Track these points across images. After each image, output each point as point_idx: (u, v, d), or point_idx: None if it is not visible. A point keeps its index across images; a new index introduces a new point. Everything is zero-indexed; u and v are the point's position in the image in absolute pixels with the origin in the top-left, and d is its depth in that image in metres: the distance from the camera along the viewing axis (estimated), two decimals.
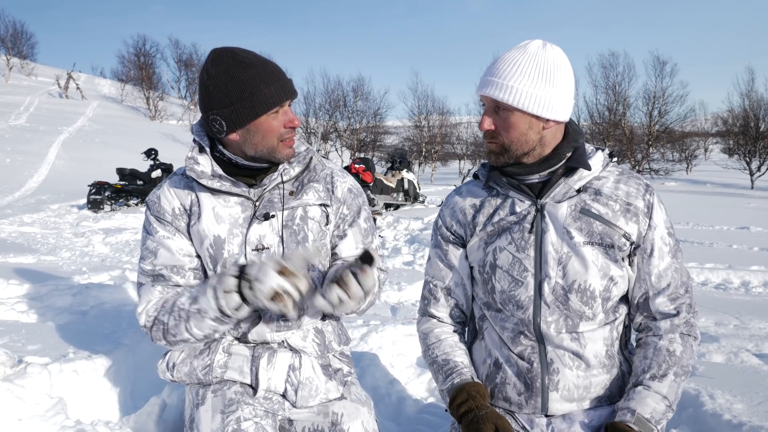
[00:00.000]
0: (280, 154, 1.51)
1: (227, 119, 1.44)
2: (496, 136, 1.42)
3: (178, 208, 1.55)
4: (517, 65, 1.36)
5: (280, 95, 1.44)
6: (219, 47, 1.47)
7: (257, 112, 1.43)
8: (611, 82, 28.64)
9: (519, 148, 1.41)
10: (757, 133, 25.00)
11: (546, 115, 1.37)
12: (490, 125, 1.41)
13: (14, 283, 3.20)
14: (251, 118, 1.44)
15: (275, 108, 1.45)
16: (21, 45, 44.40)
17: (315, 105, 33.29)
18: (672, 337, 1.42)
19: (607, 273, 1.41)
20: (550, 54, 1.38)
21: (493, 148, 1.44)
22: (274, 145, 1.49)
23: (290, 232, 1.55)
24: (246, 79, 1.41)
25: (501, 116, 1.40)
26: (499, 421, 1.34)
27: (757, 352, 3.06)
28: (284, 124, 1.49)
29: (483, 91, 1.40)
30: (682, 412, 2.09)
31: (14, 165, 18.24)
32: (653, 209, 1.43)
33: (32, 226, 9.62)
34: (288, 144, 1.52)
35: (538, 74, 1.35)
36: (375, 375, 2.66)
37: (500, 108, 1.39)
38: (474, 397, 1.41)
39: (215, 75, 1.43)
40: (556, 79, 1.37)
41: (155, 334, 1.48)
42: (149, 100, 38.13)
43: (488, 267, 1.49)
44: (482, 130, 1.43)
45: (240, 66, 1.42)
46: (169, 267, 1.52)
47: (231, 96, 1.42)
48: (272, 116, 1.46)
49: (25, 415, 1.56)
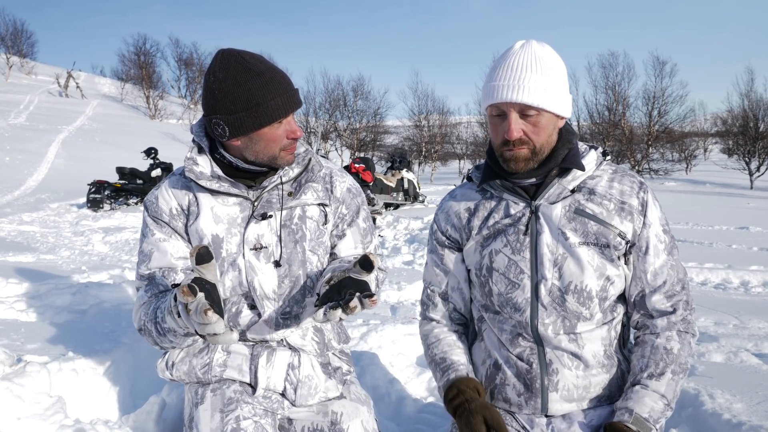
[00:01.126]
0: (280, 161, 1.51)
1: (231, 126, 1.43)
2: (525, 141, 1.38)
3: (175, 208, 1.55)
4: (536, 67, 1.35)
5: (285, 107, 1.44)
6: (227, 49, 1.46)
7: (261, 123, 1.43)
8: (611, 82, 28.67)
9: (545, 150, 1.41)
10: (756, 134, 25.03)
11: (564, 113, 1.40)
12: (519, 132, 1.36)
13: (13, 281, 3.20)
14: (255, 128, 1.43)
15: (280, 120, 1.45)
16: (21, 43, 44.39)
17: (315, 104, 33.33)
18: (669, 334, 1.42)
19: (604, 273, 1.41)
20: (550, 52, 1.39)
21: (524, 153, 1.38)
22: (275, 153, 1.49)
23: (288, 231, 1.55)
24: (253, 88, 1.40)
25: (530, 121, 1.37)
26: (487, 412, 1.35)
27: (757, 352, 3.06)
28: (287, 135, 1.48)
29: (508, 97, 1.34)
30: (681, 411, 2.09)
31: (14, 164, 18.23)
32: (648, 207, 1.43)
33: (32, 225, 9.61)
34: (289, 152, 1.52)
35: (554, 73, 1.36)
36: (375, 374, 2.66)
37: (528, 113, 1.36)
38: (464, 391, 1.41)
39: (222, 79, 1.41)
40: (563, 76, 1.40)
41: (147, 339, 1.48)
42: (149, 99, 38.13)
43: (485, 270, 1.49)
44: (512, 138, 1.36)
45: (248, 73, 1.40)
46: (162, 270, 1.51)
47: (236, 103, 1.41)
48: (275, 126, 1.46)
49: (24, 414, 1.56)
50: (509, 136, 1.36)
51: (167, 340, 1.42)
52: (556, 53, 1.40)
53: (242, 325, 1.56)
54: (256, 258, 1.52)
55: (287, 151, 1.51)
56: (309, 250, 1.58)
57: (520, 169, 1.40)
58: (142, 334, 1.48)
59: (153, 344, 1.48)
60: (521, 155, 1.38)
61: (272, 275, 1.53)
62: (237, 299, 1.55)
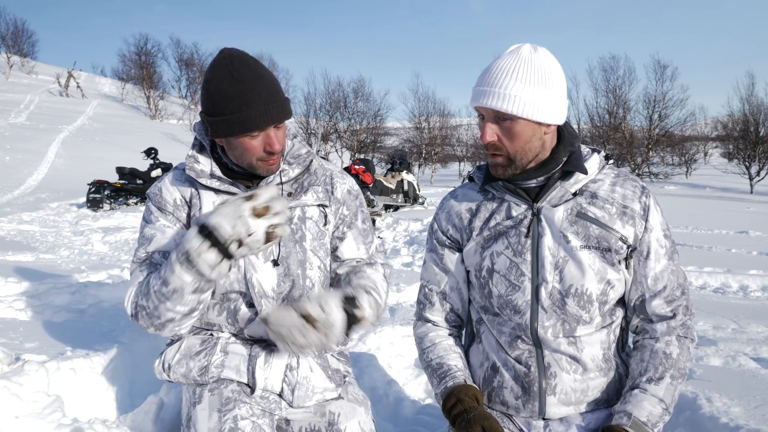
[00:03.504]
0: (259, 171, 1.50)
1: (210, 126, 1.45)
2: (499, 147, 1.38)
3: (179, 199, 1.55)
4: (514, 73, 1.33)
5: (259, 121, 1.41)
6: (227, 49, 1.46)
7: (232, 132, 1.42)
8: (612, 86, 28.71)
9: (524, 157, 1.39)
10: (756, 138, 25.05)
11: (547, 121, 1.36)
12: (492, 137, 1.37)
13: (12, 281, 3.20)
14: (227, 135, 1.44)
15: (254, 132, 1.43)
16: (22, 43, 44.44)
17: (315, 105, 33.36)
18: (668, 339, 1.42)
19: (604, 277, 1.41)
20: (542, 57, 1.35)
21: (499, 161, 1.39)
22: (252, 162, 1.48)
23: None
24: (231, 96, 1.40)
25: (504, 127, 1.36)
26: (486, 422, 1.34)
27: (755, 356, 3.06)
28: (264, 147, 1.46)
29: (481, 102, 1.35)
30: (679, 415, 2.09)
31: (14, 163, 18.23)
32: (649, 211, 1.43)
33: (31, 225, 9.61)
34: (269, 163, 1.49)
35: (536, 80, 1.33)
36: (373, 375, 2.66)
37: (502, 118, 1.35)
38: (463, 400, 1.41)
39: (209, 80, 1.43)
40: (552, 82, 1.35)
41: (142, 322, 1.43)
42: (150, 99, 38.17)
43: (485, 271, 1.49)
44: (484, 142, 1.38)
45: (230, 81, 1.40)
46: (161, 252, 1.50)
47: (215, 107, 1.42)
48: (252, 136, 1.44)
49: (22, 413, 1.56)
50: (482, 140, 1.38)
51: (165, 310, 1.37)
52: (550, 59, 1.37)
53: (240, 323, 1.56)
54: (255, 255, 1.52)
55: (265, 162, 1.48)
56: (310, 250, 1.58)
57: (500, 175, 1.42)
58: (136, 319, 1.44)
59: (148, 326, 1.42)
60: (497, 162, 1.40)
61: (271, 274, 1.53)
62: (235, 296, 1.55)
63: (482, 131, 1.38)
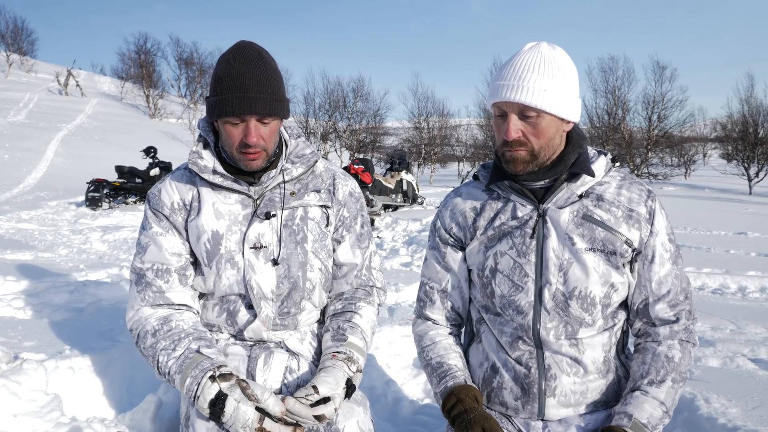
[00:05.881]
0: (240, 163, 1.51)
1: (207, 106, 1.50)
2: (524, 143, 1.37)
3: (177, 203, 1.55)
4: (540, 68, 1.33)
5: (237, 108, 1.41)
6: (243, 40, 1.50)
7: (212, 114, 1.46)
8: (611, 86, 28.73)
9: (546, 154, 1.39)
10: (755, 139, 25.05)
11: (569, 117, 1.37)
12: (517, 133, 1.36)
13: (11, 279, 3.19)
14: (210, 117, 1.48)
15: (232, 118, 1.44)
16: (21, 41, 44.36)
17: (315, 105, 33.32)
18: (671, 343, 1.42)
19: (608, 280, 1.40)
20: (561, 55, 1.37)
21: (522, 156, 1.37)
22: (233, 153, 1.49)
23: (289, 231, 1.55)
24: (220, 78, 1.44)
25: (530, 122, 1.35)
26: (486, 423, 1.34)
27: (753, 357, 3.06)
28: (241, 138, 1.46)
29: (507, 96, 1.33)
30: (677, 415, 2.09)
31: (13, 161, 18.20)
32: (655, 215, 1.43)
33: (30, 223, 9.59)
34: (247, 156, 1.48)
35: (560, 76, 1.34)
36: (371, 375, 2.66)
37: (528, 114, 1.34)
38: (463, 400, 1.40)
39: (218, 62, 1.49)
40: (573, 79, 1.37)
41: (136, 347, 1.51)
42: (149, 98, 38.08)
43: (488, 271, 1.48)
44: (509, 138, 1.36)
45: (225, 65, 1.44)
46: (155, 267, 1.52)
47: (210, 89, 1.49)
48: (232, 124, 1.45)
49: (21, 412, 1.56)
50: (507, 137, 1.36)
51: (155, 368, 1.45)
52: (567, 57, 1.38)
53: (239, 324, 1.56)
54: (255, 257, 1.52)
55: (244, 154, 1.47)
56: (311, 252, 1.58)
57: (518, 171, 1.40)
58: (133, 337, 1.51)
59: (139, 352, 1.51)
60: (519, 157, 1.38)
61: (271, 275, 1.53)
62: (234, 298, 1.55)
63: (506, 127, 1.36)
